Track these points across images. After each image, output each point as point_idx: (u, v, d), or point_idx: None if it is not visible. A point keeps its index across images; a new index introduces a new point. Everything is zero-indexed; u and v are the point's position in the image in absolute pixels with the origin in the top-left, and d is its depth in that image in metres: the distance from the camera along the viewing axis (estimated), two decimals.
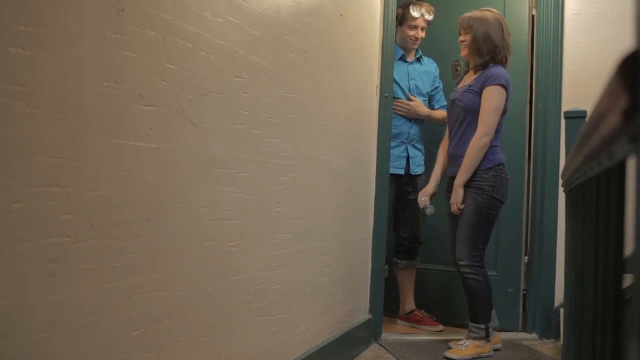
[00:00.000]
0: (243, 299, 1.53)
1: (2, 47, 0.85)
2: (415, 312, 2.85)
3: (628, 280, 0.67)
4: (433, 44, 2.96)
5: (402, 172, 2.80)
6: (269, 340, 1.68)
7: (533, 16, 2.80)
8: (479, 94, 2.28)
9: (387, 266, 2.72)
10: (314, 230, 1.98)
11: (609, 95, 0.49)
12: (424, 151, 2.90)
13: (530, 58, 2.80)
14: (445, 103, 2.87)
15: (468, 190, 2.28)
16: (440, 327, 2.79)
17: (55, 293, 0.95)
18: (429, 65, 2.93)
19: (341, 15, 2.16)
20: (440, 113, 2.84)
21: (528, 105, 2.80)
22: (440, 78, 2.96)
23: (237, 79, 1.47)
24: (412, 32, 2.77)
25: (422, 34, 2.78)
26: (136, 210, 1.13)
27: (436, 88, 2.94)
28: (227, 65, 1.43)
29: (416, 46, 2.82)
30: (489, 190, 2.27)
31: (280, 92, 1.70)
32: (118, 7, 1.07)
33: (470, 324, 2.34)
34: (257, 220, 1.59)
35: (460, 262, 2.31)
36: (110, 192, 1.06)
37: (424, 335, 2.70)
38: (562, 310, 2.24)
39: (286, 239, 1.77)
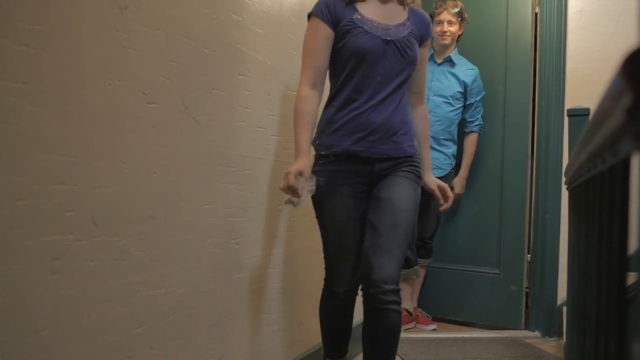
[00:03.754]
0: (245, 296, 1.53)
1: (6, 44, 0.85)
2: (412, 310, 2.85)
3: (631, 278, 0.67)
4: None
5: None
6: (271, 338, 1.68)
7: (536, 14, 2.79)
8: (419, 44, 1.57)
9: (416, 267, 2.70)
10: (316, 228, 1.98)
11: (612, 93, 0.49)
12: (448, 153, 2.73)
13: (533, 56, 2.79)
14: (481, 123, 2.76)
15: (406, 176, 1.55)
16: (434, 325, 2.78)
17: (58, 290, 0.95)
18: (462, 70, 2.76)
19: None
20: (470, 141, 2.76)
21: (531, 103, 2.79)
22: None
23: (240, 77, 1.47)
24: (438, 28, 2.74)
25: (450, 28, 2.72)
26: (139, 208, 1.13)
27: (471, 104, 2.75)
28: (230, 63, 1.43)
29: (447, 42, 2.73)
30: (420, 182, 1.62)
31: (283, 90, 1.70)
32: (121, 4, 1.07)
33: None
34: (260, 218, 1.59)
35: (385, 287, 1.45)
36: (114, 189, 1.07)
37: (424, 333, 2.69)
38: (564, 308, 2.24)
39: (288, 237, 1.77)
